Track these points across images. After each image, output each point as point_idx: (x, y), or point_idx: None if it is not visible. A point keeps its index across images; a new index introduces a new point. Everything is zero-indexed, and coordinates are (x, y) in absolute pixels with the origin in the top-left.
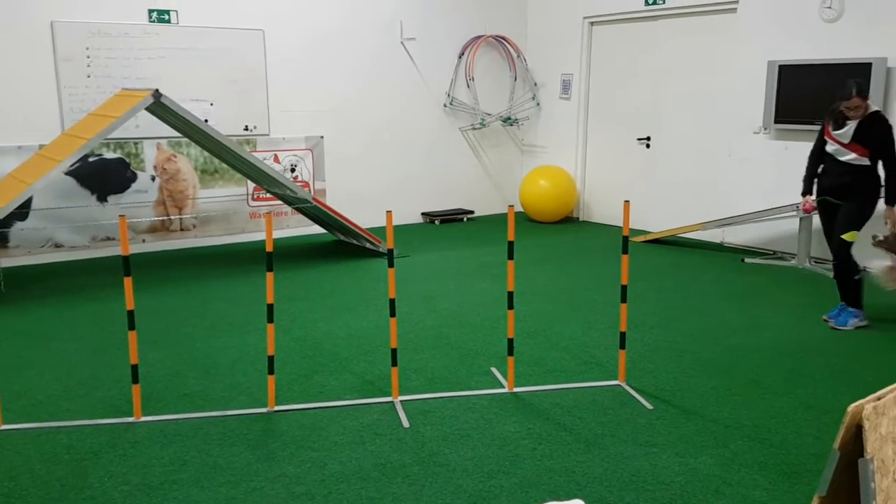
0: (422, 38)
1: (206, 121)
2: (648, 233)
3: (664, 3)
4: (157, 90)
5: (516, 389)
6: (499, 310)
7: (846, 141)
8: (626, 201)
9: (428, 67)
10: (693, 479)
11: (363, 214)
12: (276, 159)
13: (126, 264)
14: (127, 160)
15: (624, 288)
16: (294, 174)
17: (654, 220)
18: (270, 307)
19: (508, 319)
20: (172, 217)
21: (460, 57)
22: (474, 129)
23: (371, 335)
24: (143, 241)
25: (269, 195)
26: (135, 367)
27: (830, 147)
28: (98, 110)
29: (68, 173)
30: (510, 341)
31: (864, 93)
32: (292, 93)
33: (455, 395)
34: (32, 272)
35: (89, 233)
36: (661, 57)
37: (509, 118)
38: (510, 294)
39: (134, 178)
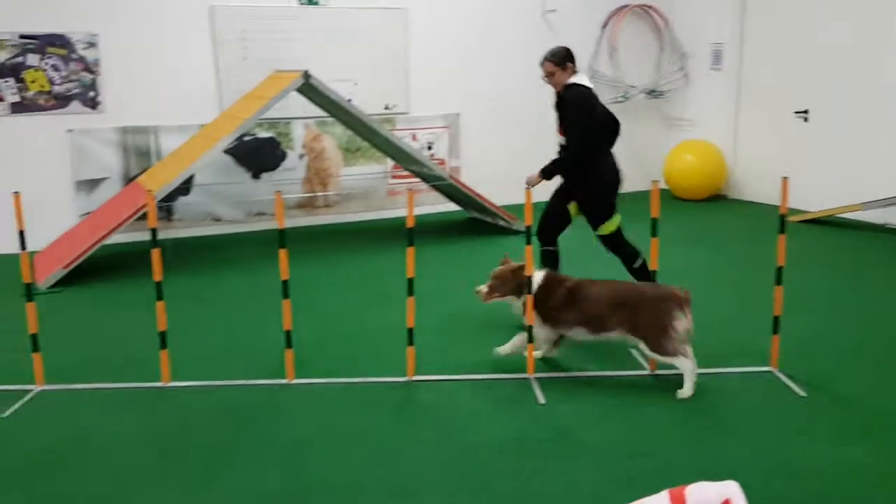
0: (563, 9)
1: (350, 100)
2: (805, 212)
3: None
4: (306, 71)
5: (658, 372)
6: None
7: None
8: (785, 178)
9: (569, 40)
10: (847, 470)
11: (497, 192)
12: (415, 137)
13: (282, 237)
14: (278, 139)
15: (779, 269)
16: (430, 152)
17: (812, 199)
18: (410, 281)
19: None
20: (318, 194)
21: (603, 28)
22: (616, 101)
23: (506, 311)
24: (291, 216)
25: (406, 172)
26: (288, 333)
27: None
28: (253, 91)
29: (226, 151)
30: None
31: (557, 59)
32: (432, 70)
33: (593, 375)
34: (194, 244)
35: (244, 208)
36: (827, 24)
37: (654, 90)
38: (653, 273)
39: (284, 156)
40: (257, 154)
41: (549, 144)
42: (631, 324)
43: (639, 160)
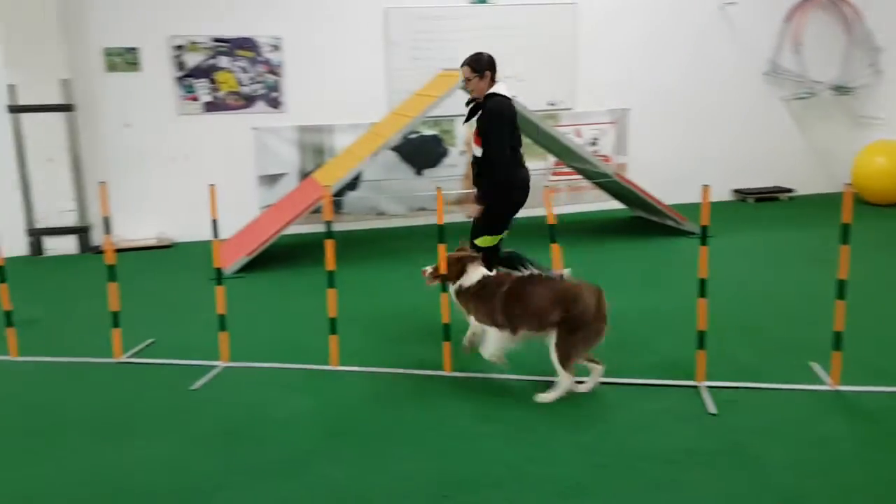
0: (744, 2)
1: (515, 97)
2: None
3: None
4: None
5: (841, 388)
6: (823, 300)
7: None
8: None
9: (748, 33)
10: None
11: (666, 190)
12: (579, 133)
13: (440, 232)
14: (441, 137)
15: None
16: (595, 148)
17: None
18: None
19: (837, 311)
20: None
21: (787, 21)
22: (799, 98)
23: (673, 315)
24: (451, 211)
25: (569, 169)
26: (446, 326)
27: None
28: (421, 90)
29: (392, 149)
30: (837, 335)
31: (474, 65)
32: (599, 66)
33: (768, 388)
34: (360, 236)
35: (407, 203)
36: None
37: (841, 87)
38: (841, 283)
39: (446, 153)
40: (421, 151)
41: (721, 140)
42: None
43: (822, 161)
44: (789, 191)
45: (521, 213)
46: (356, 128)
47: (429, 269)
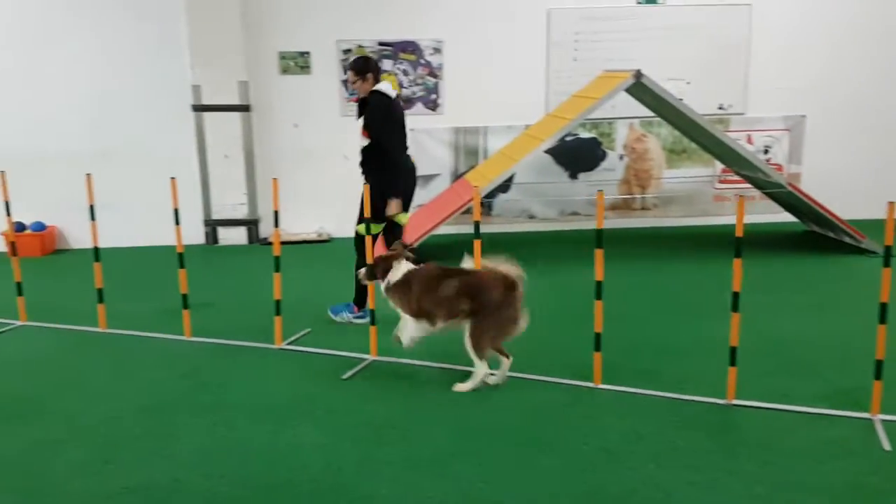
0: None
1: (682, 100)
2: None
3: None
4: (638, 71)
5: None
6: None
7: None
8: None
9: None
10: None
11: (845, 204)
12: (749, 140)
13: (599, 237)
14: (599, 140)
15: None
16: (767, 156)
17: None
18: (736, 296)
19: None
20: (636, 196)
21: None
22: None
23: (847, 341)
24: (606, 217)
25: (737, 177)
26: (598, 336)
27: None
28: (580, 92)
29: (546, 151)
30: None
31: (357, 68)
32: (775, 70)
33: None
34: (509, 239)
35: (559, 207)
36: None
37: None
38: None
39: (604, 156)
40: (577, 154)
41: None
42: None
43: None
44: None
45: (690, 222)
46: (511, 130)
47: (363, 270)
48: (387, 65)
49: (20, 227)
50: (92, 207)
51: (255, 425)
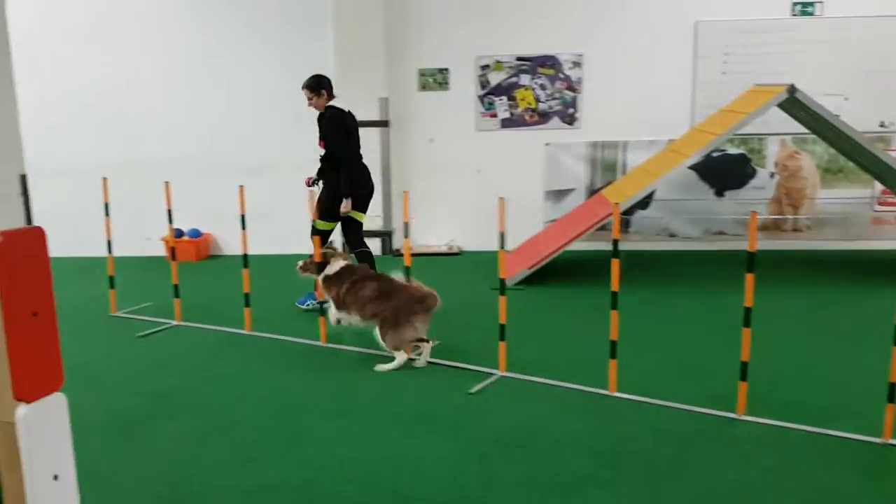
0: None
1: (838, 116)
2: None
3: None
4: (792, 85)
5: None
6: None
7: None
8: None
9: None
10: None
11: None
12: None
13: (750, 260)
14: (748, 156)
15: None
16: None
17: None
18: None
19: None
20: (787, 216)
21: None
22: None
23: None
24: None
25: None
26: (744, 365)
27: None
28: (729, 106)
29: (691, 167)
30: None
31: (311, 86)
32: None
33: None
34: (648, 257)
35: (702, 225)
36: None
37: None
38: None
39: (753, 174)
40: (724, 171)
41: None
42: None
43: None
44: None
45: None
46: (652, 144)
47: (300, 263)
48: (524, 79)
49: (179, 233)
50: (243, 217)
51: (384, 433)
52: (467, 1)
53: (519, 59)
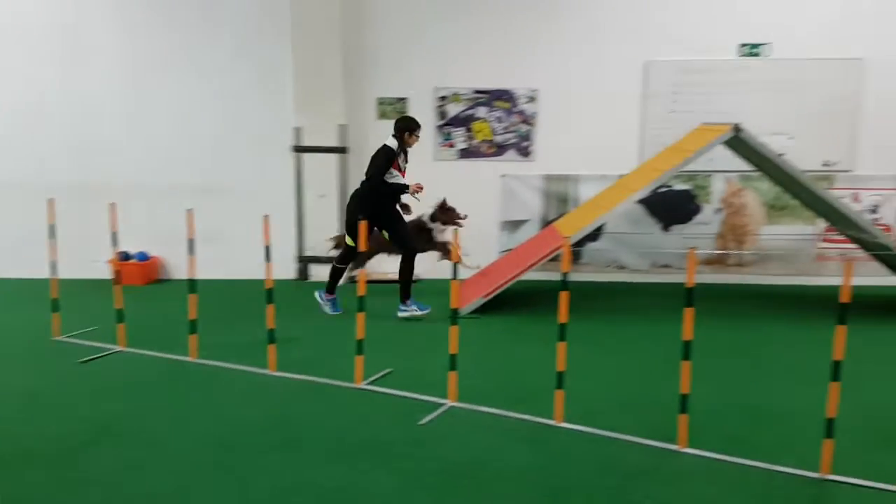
0: None
1: (783, 155)
2: None
3: None
4: (737, 124)
5: None
6: None
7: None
8: None
9: None
10: None
11: None
12: (856, 198)
13: (689, 295)
14: (694, 192)
15: None
16: (875, 216)
17: None
18: (837, 364)
19: None
20: (731, 251)
21: None
22: None
23: None
24: (699, 272)
25: (842, 237)
26: (684, 397)
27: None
28: (677, 144)
29: (639, 202)
30: None
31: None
32: (887, 126)
33: None
34: (598, 288)
35: (650, 258)
36: None
37: None
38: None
39: (698, 210)
40: (670, 206)
41: None
42: None
43: None
44: None
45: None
46: (604, 179)
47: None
48: (481, 112)
49: (125, 256)
50: (191, 241)
51: (330, 466)
52: (426, 33)
53: (476, 91)
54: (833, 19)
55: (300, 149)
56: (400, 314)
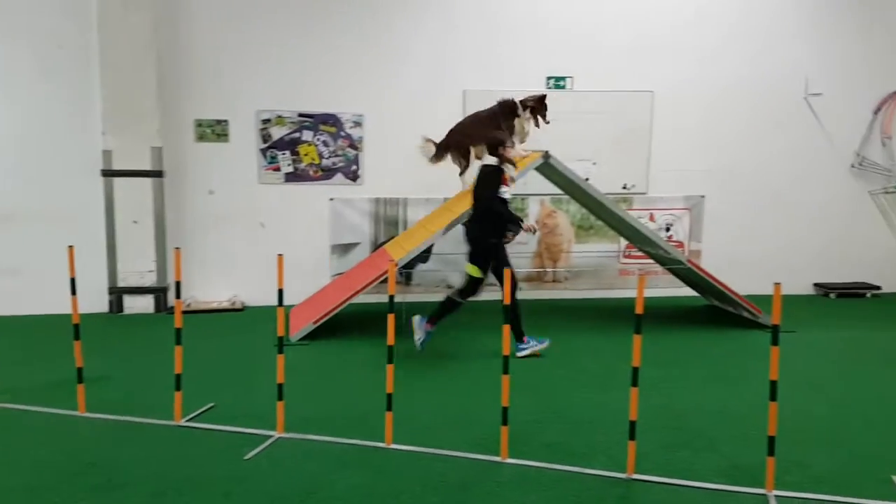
0: (830, 92)
1: (587, 179)
2: None
3: None
4: (546, 152)
5: None
6: None
7: None
8: None
9: (834, 124)
10: None
11: (742, 280)
12: (652, 218)
13: (506, 313)
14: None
15: None
16: (669, 234)
17: None
18: (636, 371)
19: None
20: (547, 269)
21: (875, 113)
22: (888, 192)
23: (743, 415)
24: (521, 289)
25: (641, 253)
26: (505, 410)
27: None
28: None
29: (463, 224)
30: None
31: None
32: (675, 152)
33: (842, 501)
34: (428, 308)
35: None
36: None
37: None
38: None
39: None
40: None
41: (802, 232)
42: None
43: None
44: (876, 288)
45: (598, 294)
46: (429, 202)
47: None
48: (307, 135)
49: None
50: None
51: None
52: (247, 55)
53: (301, 115)
54: (627, 56)
55: (110, 172)
56: (519, 354)
